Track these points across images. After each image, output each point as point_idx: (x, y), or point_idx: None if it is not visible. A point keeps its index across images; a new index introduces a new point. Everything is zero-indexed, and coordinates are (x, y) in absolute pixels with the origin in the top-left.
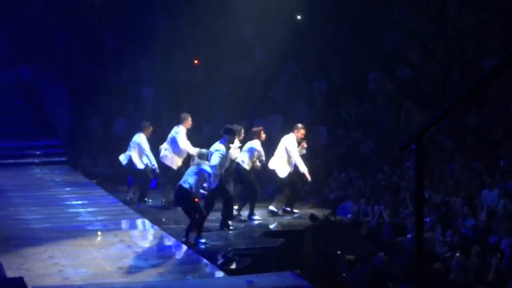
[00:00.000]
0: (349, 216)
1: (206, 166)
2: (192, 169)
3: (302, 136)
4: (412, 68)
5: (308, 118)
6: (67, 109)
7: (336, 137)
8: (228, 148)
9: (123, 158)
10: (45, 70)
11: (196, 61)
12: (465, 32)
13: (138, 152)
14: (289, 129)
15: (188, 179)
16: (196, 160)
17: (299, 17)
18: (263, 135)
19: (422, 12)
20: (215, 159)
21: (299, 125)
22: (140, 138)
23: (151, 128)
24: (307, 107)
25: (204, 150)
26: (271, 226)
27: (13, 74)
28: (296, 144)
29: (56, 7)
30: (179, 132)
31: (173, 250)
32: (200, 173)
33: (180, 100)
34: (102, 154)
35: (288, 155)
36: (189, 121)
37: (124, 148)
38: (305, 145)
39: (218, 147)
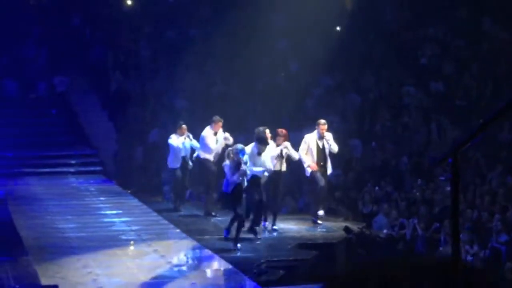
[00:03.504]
0: (385, 231)
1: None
2: None
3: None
4: (446, 82)
5: (342, 131)
6: (102, 119)
7: (370, 150)
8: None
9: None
10: (80, 81)
11: None
12: (500, 47)
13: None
14: None
15: None
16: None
17: (338, 28)
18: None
19: (457, 27)
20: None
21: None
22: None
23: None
24: (340, 119)
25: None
26: (305, 238)
27: (49, 84)
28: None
29: (92, 19)
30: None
31: (207, 260)
32: None
33: (213, 111)
34: (138, 164)
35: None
36: (219, 125)
37: (159, 157)
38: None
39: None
